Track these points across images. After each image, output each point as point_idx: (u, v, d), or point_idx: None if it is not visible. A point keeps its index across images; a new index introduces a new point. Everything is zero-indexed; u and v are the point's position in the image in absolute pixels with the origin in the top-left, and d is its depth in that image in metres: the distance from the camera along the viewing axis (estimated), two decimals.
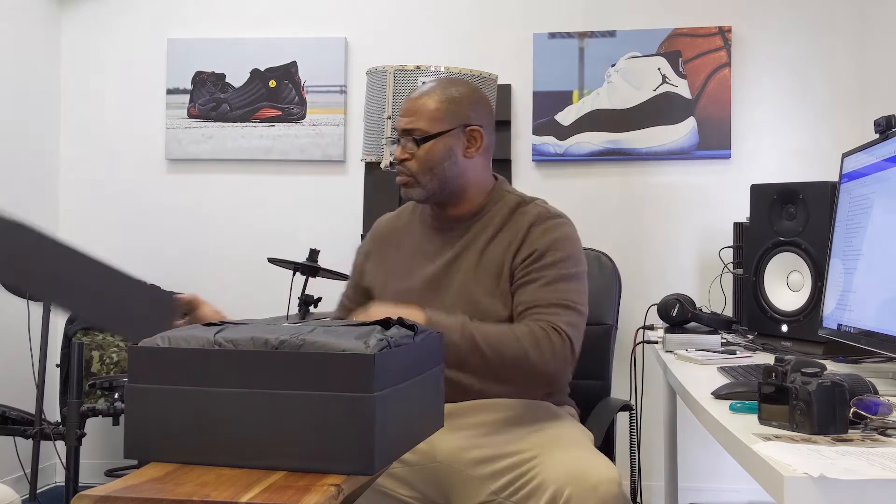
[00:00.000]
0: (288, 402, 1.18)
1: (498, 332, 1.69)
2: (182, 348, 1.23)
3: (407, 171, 1.86)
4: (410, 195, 1.88)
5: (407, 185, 1.87)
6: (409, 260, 1.93)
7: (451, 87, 1.88)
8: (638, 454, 2.77)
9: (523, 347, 1.67)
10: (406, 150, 1.85)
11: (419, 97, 1.87)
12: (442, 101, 1.85)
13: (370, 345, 1.18)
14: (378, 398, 1.16)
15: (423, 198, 1.88)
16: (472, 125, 1.87)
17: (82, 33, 3.98)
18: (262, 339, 1.21)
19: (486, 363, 1.66)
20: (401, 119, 1.87)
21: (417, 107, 1.86)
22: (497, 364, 1.66)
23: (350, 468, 1.15)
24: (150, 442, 1.23)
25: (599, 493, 1.50)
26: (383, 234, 2.02)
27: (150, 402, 1.23)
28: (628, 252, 3.63)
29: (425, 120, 1.84)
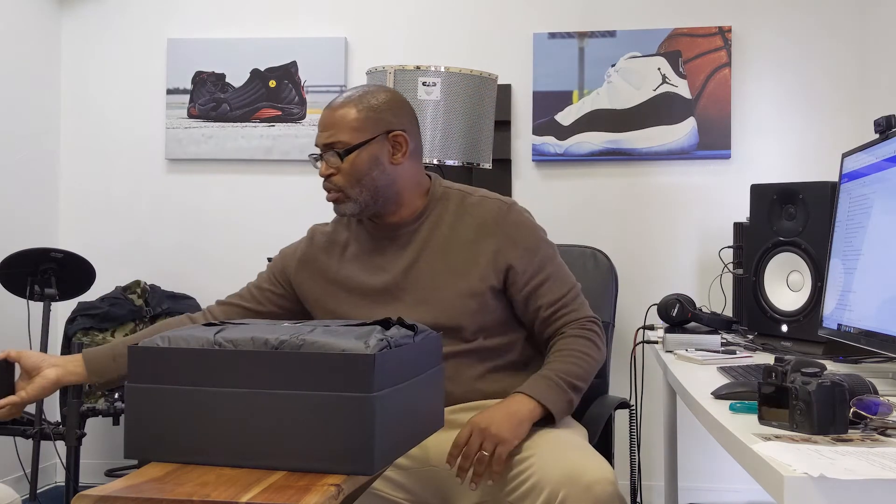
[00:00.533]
0: (288, 402, 1.18)
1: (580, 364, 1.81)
2: (182, 348, 1.24)
3: (335, 187, 1.81)
4: (343, 211, 1.83)
5: (337, 201, 1.82)
6: (358, 275, 1.87)
7: (369, 95, 1.82)
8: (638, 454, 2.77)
9: (595, 359, 1.85)
10: (330, 165, 1.80)
11: (337, 108, 1.81)
12: (360, 111, 1.80)
13: (370, 345, 1.18)
14: (378, 398, 1.16)
15: (357, 212, 1.82)
16: (395, 130, 1.82)
17: (82, 33, 3.98)
18: (262, 339, 1.21)
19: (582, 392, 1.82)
20: (320, 134, 1.81)
21: (336, 119, 1.80)
22: (587, 385, 1.83)
23: (350, 468, 1.15)
24: (150, 442, 1.23)
25: (594, 493, 1.50)
26: (322, 245, 1.94)
27: (150, 402, 1.23)
28: (628, 252, 3.64)
29: (346, 131, 1.79)
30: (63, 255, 3.22)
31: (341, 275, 1.89)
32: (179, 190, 3.93)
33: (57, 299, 3.20)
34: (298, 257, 1.95)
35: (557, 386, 1.75)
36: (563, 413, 1.75)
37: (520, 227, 1.87)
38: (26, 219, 3.76)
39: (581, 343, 1.83)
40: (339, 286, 1.88)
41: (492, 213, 1.86)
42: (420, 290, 1.82)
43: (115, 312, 3.60)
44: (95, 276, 3.32)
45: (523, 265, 1.84)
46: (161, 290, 3.78)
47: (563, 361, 1.79)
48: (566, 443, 1.67)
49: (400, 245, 1.86)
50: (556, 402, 1.73)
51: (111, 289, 3.74)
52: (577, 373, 1.79)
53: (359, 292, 1.86)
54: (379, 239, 1.89)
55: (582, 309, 1.89)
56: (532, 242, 1.86)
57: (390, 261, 1.86)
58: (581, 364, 1.80)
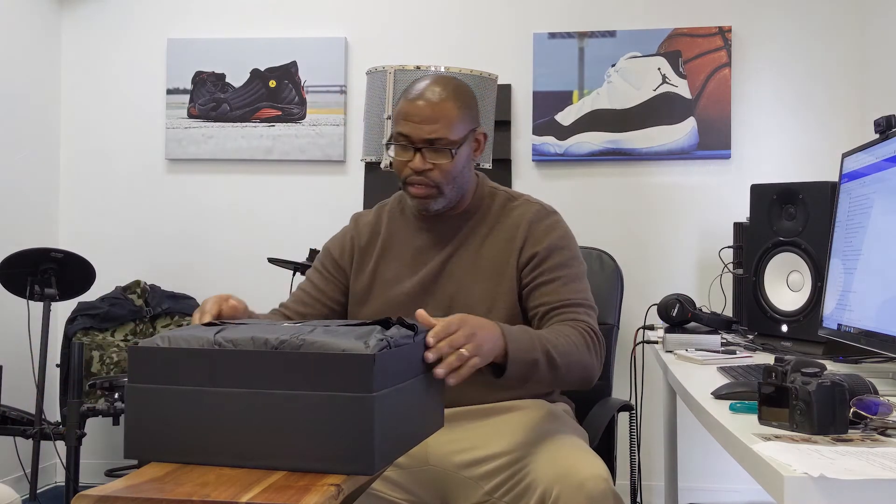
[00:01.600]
0: (288, 402, 1.18)
1: (562, 340, 1.65)
2: (182, 348, 1.23)
3: (430, 182, 1.77)
4: (429, 206, 1.80)
5: (429, 196, 1.78)
6: (398, 263, 1.87)
7: (460, 90, 1.80)
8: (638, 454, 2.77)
9: (581, 354, 1.67)
10: (429, 160, 1.75)
11: (438, 102, 1.75)
12: (460, 107, 1.77)
13: (370, 345, 1.18)
14: (378, 398, 1.16)
15: (443, 208, 1.81)
16: (479, 128, 1.84)
17: (82, 33, 3.98)
18: (262, 339, 1.21)
19: (556, 375, 1.62)
20: (419, 126, 1.74)
21: (439, 113, 1.74)
22: (565, 373, 1.64)
23: (350, 468, 1.15)
24: (150, 442, 1.23)
25: (586, 490, 1.50)
26: (367, 236, 1.92)
27: (150, 402, 1.23)
28: (628, 252, 3.63)
29: (450, 128, 1.75)
30: (63, 255, 3.22)
31: (381, 265, 1.88)
32: (179, 190, 3.93)
33: (57, 299, 3.20)
34: (349, 249, 1.92)
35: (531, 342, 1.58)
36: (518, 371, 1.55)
37: (552, 229, 1.84)
38: (26, 219, 3.75)
39: (572, 332, 1.69)
40: (378, 276, 1.87)
41: (529, 214, 1.85)
42: (453, 284, 1.81)
43: (115, 312, 3.60)
44: (95, 277, 3.32)
45: (542, 257, 1.80)
46: (161, 290, 3.79)
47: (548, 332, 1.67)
48: (560, 443, 1.67)
49: (441, 238, 1.86)
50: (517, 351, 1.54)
51: (111, 289, 3.74)
52: (559, 348, 1.62)
53: (395, 283, 1.85)
54: (422, 230, 1.87)
55: (585, 317, 1.75)
56: (559, 244, 1.82)
57: (429, 253, 1.85)
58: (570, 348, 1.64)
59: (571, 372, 1.65)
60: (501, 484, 1.67)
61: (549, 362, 1.60)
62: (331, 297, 1.89)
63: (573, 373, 1.66)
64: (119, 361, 3.46)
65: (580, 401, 2.03)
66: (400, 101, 1.80)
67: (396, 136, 1.78)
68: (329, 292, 1.89)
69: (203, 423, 1.21)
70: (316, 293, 1.89)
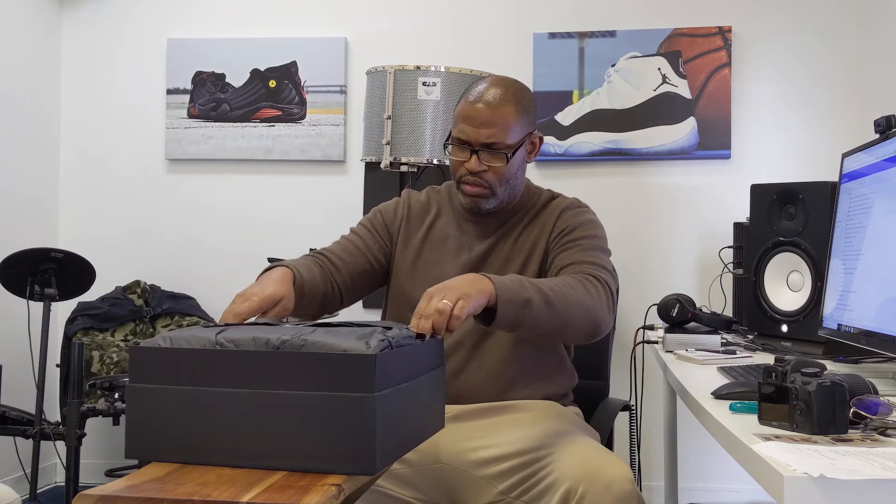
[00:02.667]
0: (289, 402, 1.18)
1: (557, 282, 1.63)
2: (183, 349, 1.23)
3: (484, 183, 1.82)
4: (482, 206, 1.86)
5: (482, 196, 1.84)
6: (440, 248, 1.91)
7: (520, 94, 1.84)
8: (638, 454, 2.77)
9: (579, 294, 1.63)
10: (484, 163, 1.81)
11: (496, 106, 1.79)
12: (519, 112, 1.82)
13: (371, 345, 1.18)
14: (379, 398, 1.16)
15: (495, 207, 1.87)
16: (534, 132, 1.89)
17: (82, 33, 3.98)
18: (264, 340, 1.21)
19: (554, 316, 1.57)
20: (477, 130, 1.79)
21: (497, 118, 1.79)
22: (565, 316, 1.59)
23: (351, 468, 1.16)
24: (151, 442, 1.23)
25: (614, 491, 1.50)
26: (416, 213, 1.97)
27: (151, 402, 1.23)
28: (628, 252, 3.64)
29: (507, 132, 1.80)
30: (63, 255, 3.22)
31: (426, 246, 1.92)
32: (179, 190, 3.93)
33: (57, 299, 3.20)
34: (401, 217, 1.96)
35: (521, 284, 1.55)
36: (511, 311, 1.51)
37: (582, 214, 1.91)
38: (26, 219, 3.76)
39: (572, 279, 1.67)
40: (422, 255, 1.91)
41: (563, 204, 1.93)
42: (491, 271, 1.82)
43: (116, 312, 3.60)
44: (95, 277, 3.32)
45: (566, 232, 1.85)
46: (161, 290, 3.78)
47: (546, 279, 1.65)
48: (582, 443, 1.67)
49: (484, 231, 1.90)
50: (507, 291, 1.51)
51: (111, 289, 3.74)
52: (552, 287, 1.59)
53: (442, 268, 1.88)
54: (468, 221, 1.92)
55: (596, 270, 1.74)
56: (584, 225, 1.87)
57: (471, 243, 1.89)
58: (564, 288, 1.61)
59: (572, 314, 1.60)
60: (518, 483, 1.67)
61: (544, 301, 1.55)
62: (375, 254, 1.92)
63: (575, 315, 1.61)
64: (119, 361, 3.46)
65: (577, 401, 2.03)
66: (460, 102, 1.84)
67: (454, 139, 1.83)
68: (374, 249, 1.92)
69: (204, 423, 1.21)
70: (363, 246, 1.92)
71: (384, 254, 1.94)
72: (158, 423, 1.23)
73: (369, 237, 1.94)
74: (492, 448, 1.72)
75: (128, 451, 1.25)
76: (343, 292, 1.87)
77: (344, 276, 1.86)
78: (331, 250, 1.90)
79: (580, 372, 2.02)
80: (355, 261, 1.89)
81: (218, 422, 1.20)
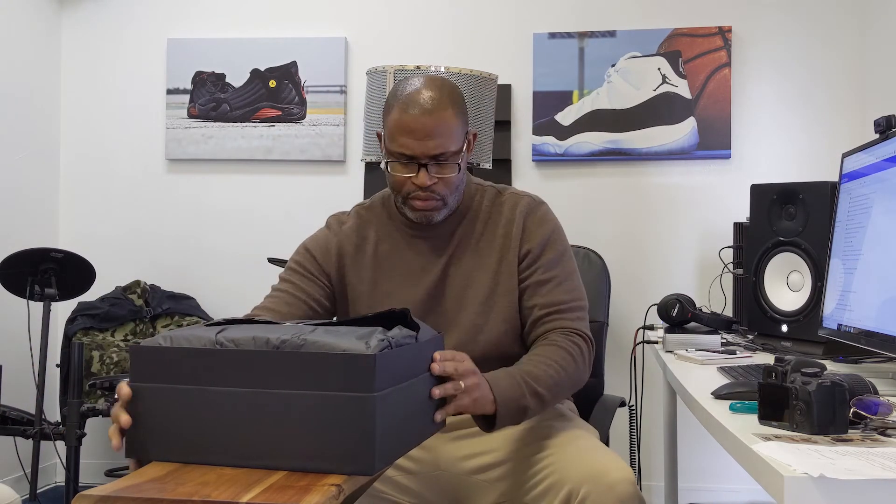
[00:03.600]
0: (289, 401, 1.18)
1: (548, 373, 1.64)
2: (184, 348, 1.24)
3: (436, 196, 1.72)
4: (433, 218, 1.75)
5: (434, 209, 1.73)
6: (393, 274, 1.80)
7: (455, 92, 1.73)
8: (638, 454, 2.77)
9: (569, 375, 1.68)
10: (435, 175, 1.69)
11: (435, 112, 1.66)
12: (456, 114, 1.69)
13: (371, 345, 1.18)
14: (379, 398, 1.16)
15: (445, 217, 1.78)
16: (470, 129, 1.78)
17: (82, 33, 3.98)
18: (264, 339, 1.21)
19: (545, 407, 1.65)
20: (422, 142, 1.66)
21: (440, 126, 1.66)
22: (551, 403, 1.66)
23: (351, 468, 1.15)
24: (152, 441, 1.23)
25: (617, 493, 1.49)
26: (353, 241, 1.84)
27: (151, 402, 1.23)
28: (628, 252, 3.64)
29: (451, 139, 1.68)
30: (63, 255, 3.22)
31: (380, 278, 1.81)
32: (179, 190, 3.93)
33: (57, 299, 3.20)
34: (335, 253, 1.83)
35: (518, 388, 1.57)
36: (510, 418, 1.56)
37: (544, 222, 1.81)
38: (26, 219, 3.75)
39: (560, 354, 1.68)
40: (378, 288, 1.80)
41: (521, 206, 1.81)
42: (457, 287, 1.78)
43: (116, 312, 3.60)
44: (95, 277, 3.32)
45: (536, 255, 1.78)
46: (161, 290, 3.78)
47: (534, 364, 1.65)
48: (584, 442, 1.67)
49: (437, 242, 1.80)
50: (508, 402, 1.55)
51: (111, 289, 3.74)
52: (546, 381, 1.62)
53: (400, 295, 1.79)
54: (416, 238, 1.81)
55: (577, 323, 1.75)
56: (551, 239, 1.80)
57: (428, 258, 1.80)
58: (558, 379, 1.65)
59: (559, 394, 1.67)
60: (520, 485, 1.66)
61: (538, 401, 1.60)
62: (315, 298, 1.79)
63: (561, 393, 1.68)
64: (119, 361, 3.46)
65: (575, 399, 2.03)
66: (394, 111, 1.69)
67: (396, 154, 1.69)
68: (313, 293, 1.79)
69: (204, 422, 1.21)
70: (299, 293, 1.78)
71: (326, 295, 1.81)
72: (159, 423, 1.23)
73: (305, 282, 1.80)
74: (491, 453, 1.72)
75: (128, 450, 1.25)
76: None
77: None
78: (267, 306, 1.76)
79: None
80: (296, 311, 1.76)
81: (218, 421, 1.20)
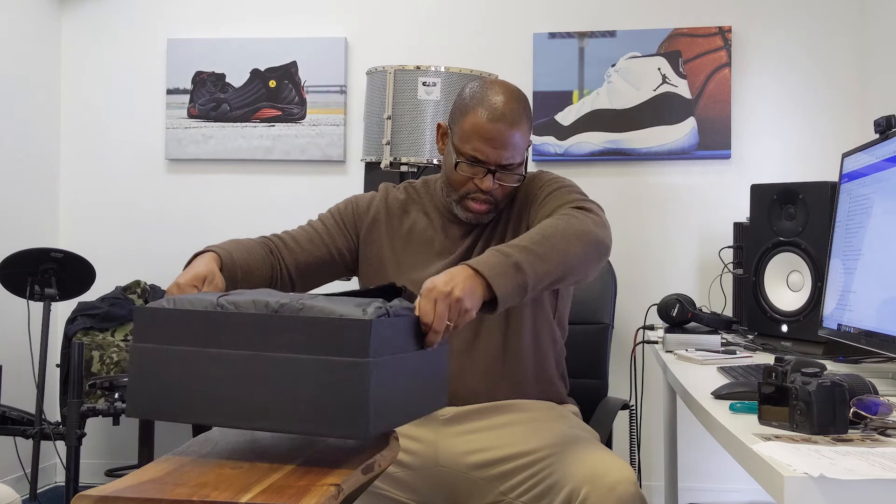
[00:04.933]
0: (286, 364, 1.20)
1: (534, 230, 1.57)
2: (185, 310, 1.26)
3: (492, 200, 1.79)
4: (484, 220, 1.83)
5: (488, 212, 1.81)
6: (422, 250, 1.87)
7: (528, 107, 1.80)
8: (638, 454, 2.77)
9: (568, 224, 1.60)
10: (497, 182, 1.77)
11: (514, 126, 1.74)
12: (529, 128, 1.79)
13: (368, 311, 1.19)
14: (373, 364, 1.17)
15: (493, 217, 1.84)
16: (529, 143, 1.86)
17: (82, 33, 3.98)
18: (263, 302, 1.24)
19: (549, 259, 1.52)
20: (498, 152, 1.73)
21: (517, 140, 1.75)
22: (559, 254, 1.53)
23: (345, 431, 1.17)
24: (152, 401, 1.26)
25: (618, 493, 1.49)
26: (395, 212, 1.91)
27: (152, 362, 1.26)
28: (628, 252, 3.64)
29: (521, 152, 1.78)
30: (63, 255, 3.22)
31: (408, 253, 1.87)
32: (179, 190, 3.93)
33: (57, 299, 3.21)
34: (373, 214, 1.91)
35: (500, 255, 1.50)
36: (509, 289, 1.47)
37: (539, 176, 1.87)
38: (26, 219, 3.75)
39: (548, 220, 1.62)
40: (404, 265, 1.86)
41: (525, 184, 1.86)
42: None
43: (116, 312, 3.60)
44: (95, 276, 3.32)
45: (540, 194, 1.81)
46: (161, 290, 3.78)
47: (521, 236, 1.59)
48: (583, 443, 1.67)
49: (467, 229, 1.86)
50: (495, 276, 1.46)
51: (111, 289, 3.74)
52: (531, 236, 1.55)
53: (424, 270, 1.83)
54: (451, 223, 1.87)
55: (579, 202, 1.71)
56: (546, 181, 1.84)
57: (454, 243, 1.85)
58: (538, 230, 1.57)
59: (569, 249, 1.56)
60: (520, 483, 1.66)
61: (532, 255, 1.50)
62: (338, 246, 1.87)
63: (572, 247, 1.56)
64: (119, 361, 3.46)
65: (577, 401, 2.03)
66: (473, 114, 1.74)
67: (468, 155, 1.75)
68: (339, 241, 1.87)
69: (203, 383, 1.23)
70: (326, 236, 1.87)
71: (348, 248, 1.89)
72: (160, 383, 1.25)
73: (335, 229, 1.89)
74: (492, 450, 1.72)
75: (129, 409, 1.27)
76: (295, 277, 1.82)
77: (298, 262, 1.82)
78: (290, 234, 1.86)
79: (578, 371, 2.02)
80: (315, 249, 1.85)
81: (216, 382, 1.23)
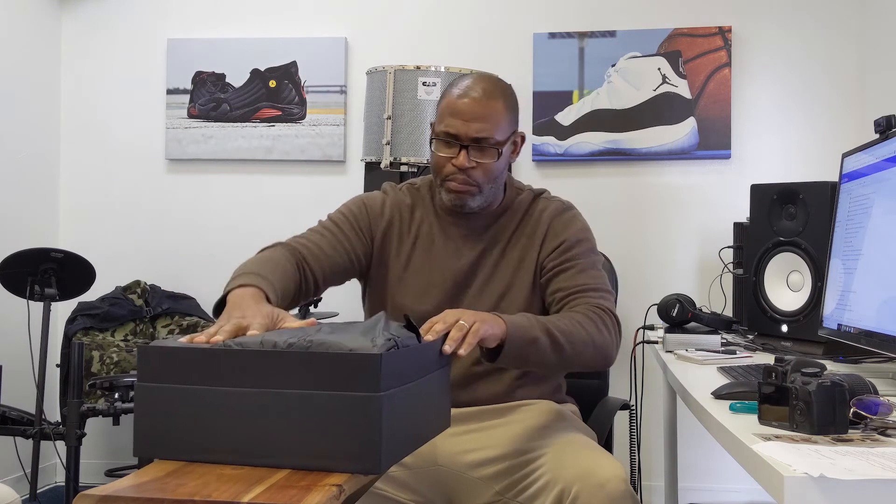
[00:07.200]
0: (296, 401, 1.18)
1: (566, 321, 1.65)
2: (191, 348, 1.24)
3: (472, 181, 1.77)
4: (467, 203, 1.80)
5: (467, 193, 1.78)
6: (428, 254, 1.86)
7: (508, 91, 1.81)
8: (638, 454, 2.77)
9: (589, 333, 1.67)
10: (473, 159, 1.75)
11: (486, 100, 1.75)
12: (507, 109, 1.79)
13: (377, 344, 1.18)
14: (385, 398, 1.16)
15: (479, 207, 1.82)
16: (518, 130, 1.86)
17: (82, 33, 3.98)
18: (271, 342, 1.22)
19: (561, 354, 1.62)
20: (467, 124, 1.74)
21: (488, 112, 1.75)
22: (571, 353, 1.63)
23: (357, 467, 1.16)
24: (159, 440, 1.23)
25: (607, 491, 1.50)
26: (404, 216, 1.90)
27: (159, 401, 1.24)
28: (628, 252, 3.64)
29: (497, 128, 1.76)
30: (63, 255, 3.22)
31: (415, 253, 1.86)
32: (179, 190, 3.93)
33: (57, 299, 3.20)
34: (387, 219, 1.89)
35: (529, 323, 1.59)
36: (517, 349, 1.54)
37: (572, 222, 1.88)
38: (26, 219, 3.75)
39: (580, 317, 1.69)
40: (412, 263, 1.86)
41: (550, 209, 1.88)
42: (482, 279, 1.83)
43: (116, 312, 3.60)
44: (95, 276, 3.32)
45: (563, 248, 1.82)
46: (161, 290, 3.78)
47: (552, 316, 1.68)
48: (576, 442, 1.67)
49: (472, 234, 1.86)
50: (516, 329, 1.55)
51: (111, 289, 3.74)
52: (560, 327, 1.63)
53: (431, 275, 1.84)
54: (454, 226, 1.87)
55: (601, 301, 1.76)
56: (579, 236, 1.85)
57: (461, 248, 1.85)
58: (574, 328, 1.65)
59: (581, 351, 1.65)
60: (515, 483, 1.67)
61: (551, 341, 1.59)
62: (357, 252, 1.85)
63: (583, 352, 1.65)
64: (119, 361, 3.46)
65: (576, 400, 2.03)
66: (445, 98, 1.79)
67: (442, 133, 1.77)
68: (357, 247, 1.85)
69: (212, 421, 1.21)
70: (346, 242, 1.84)
71: (365, 253, 1.87)
72: (166, 422, 1.23)
73: (352, 234, 1.86)
74: (488, 449, 1.72)
75: (136, 449, 1.25)
76: (321, 286, 1.81)
77: (325, 271, 1.80)
78: (314, 243, 1.82)
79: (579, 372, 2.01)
80: (338, 256, 1.82)
81: (225, 420, 1.21)
